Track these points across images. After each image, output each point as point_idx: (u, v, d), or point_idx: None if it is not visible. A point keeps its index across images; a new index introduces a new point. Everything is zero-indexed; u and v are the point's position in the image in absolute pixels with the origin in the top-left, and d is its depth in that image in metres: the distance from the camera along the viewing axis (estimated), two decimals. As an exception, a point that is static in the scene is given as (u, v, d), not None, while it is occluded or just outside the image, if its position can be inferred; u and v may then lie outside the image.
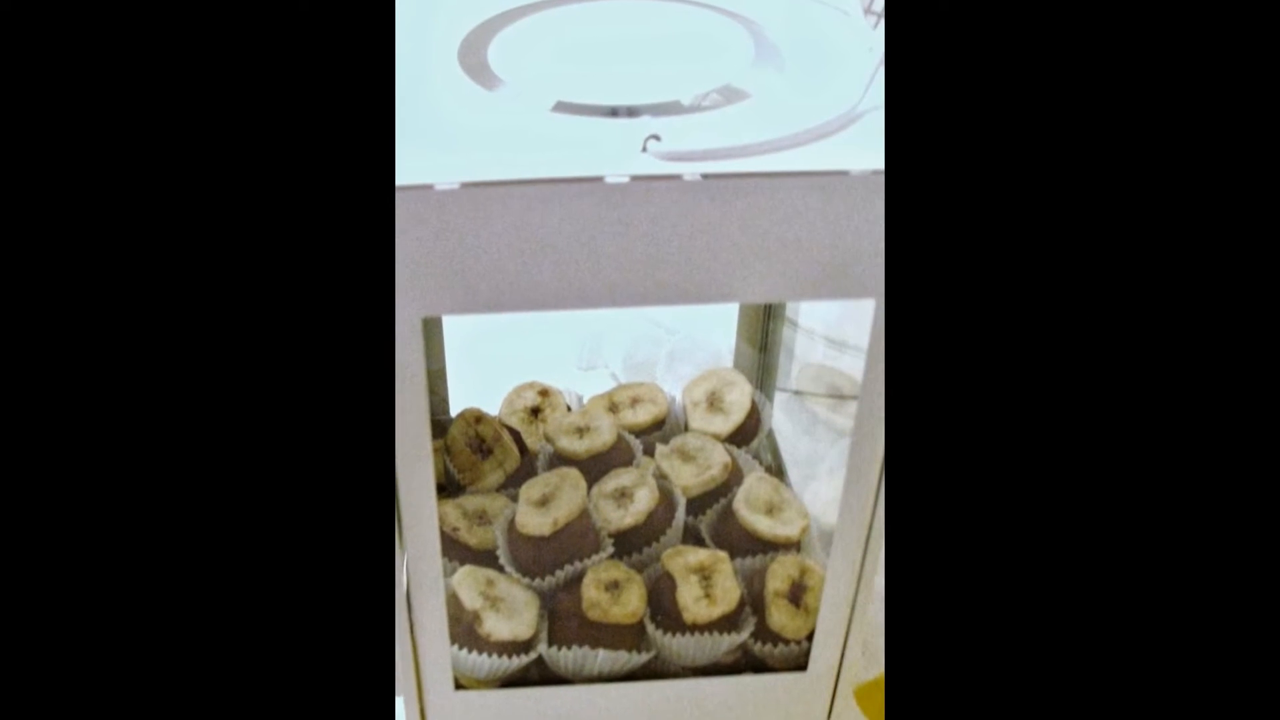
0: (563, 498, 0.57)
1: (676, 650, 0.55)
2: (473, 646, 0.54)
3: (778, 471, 0.69)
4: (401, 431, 0.42)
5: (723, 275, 0.41)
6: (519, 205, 0.38)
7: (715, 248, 0.40)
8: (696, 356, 0.86)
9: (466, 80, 0.44)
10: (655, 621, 0.55)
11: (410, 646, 0.50)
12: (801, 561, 0.57)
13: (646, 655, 0.55)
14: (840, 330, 0.86)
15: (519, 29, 0.47)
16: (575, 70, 0.44)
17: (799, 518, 0.60)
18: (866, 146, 0.40)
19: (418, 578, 0.47)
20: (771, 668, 0.56)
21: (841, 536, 0.48)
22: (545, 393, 0.69)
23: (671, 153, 0.39)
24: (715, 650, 0.55)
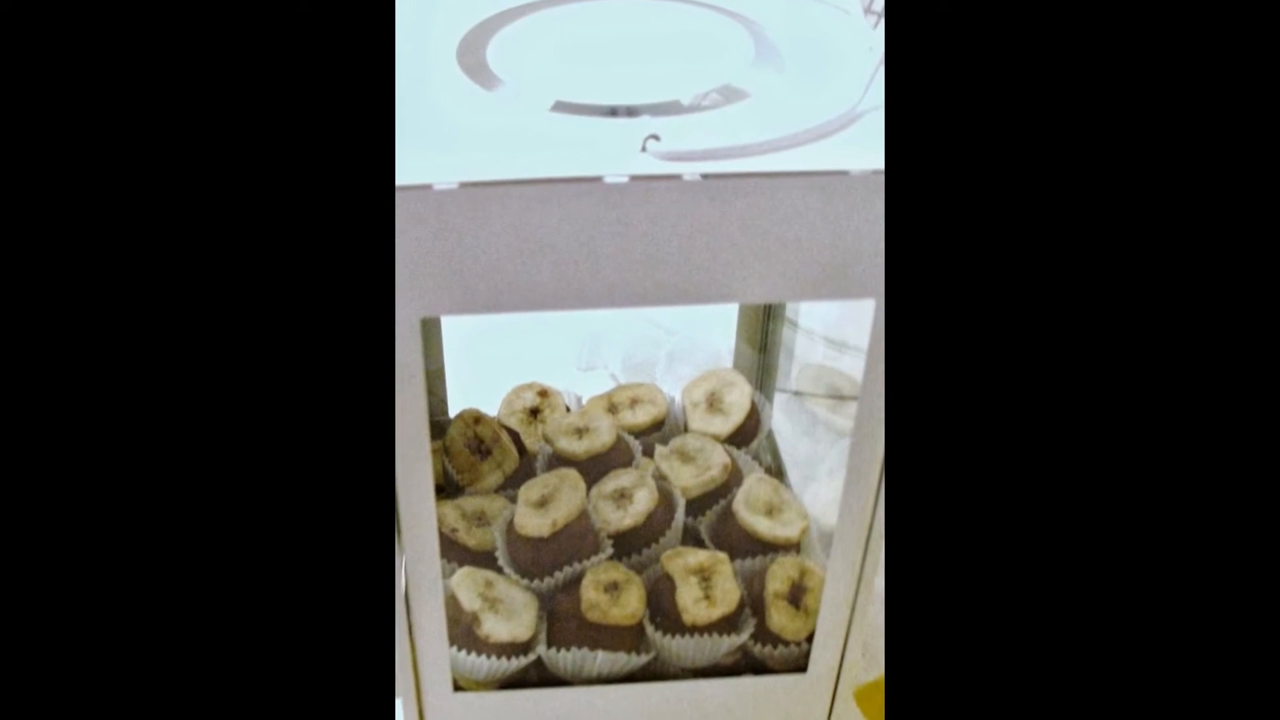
0: (562, 499, 0.57)
1: (676, 652, 0.55)
2: (471, 648, 0.54)
3: (777, 472, 0.69)
4: (400, 432, 0.42)
5: (722, 276, 0.41)
6: (518, 205, 0.38)
7: (715, 248, 0.40)
8: (696, 357, 0.86)
9: (465, 80, 0.44)
10: (655, 623, 0.55)
11: (409, 648, 0.50)
12: (801, 563, 0.57)
13: (646, 657, 0.55)
14: (840, 331, 0.86)
15: (518, 28, 0.47)
16: (574, 70, 0.44)
17: (799, 519, 0.60)
18: (866, 146, 0.40)
19: (416, 579, 0.47)
20: (771, 669, 0.56)
21: (841, 538, 0.48)
22: (544, 393, 0.69)
23: (671, 153, 0.39)
24: (715, 652, 0.55)
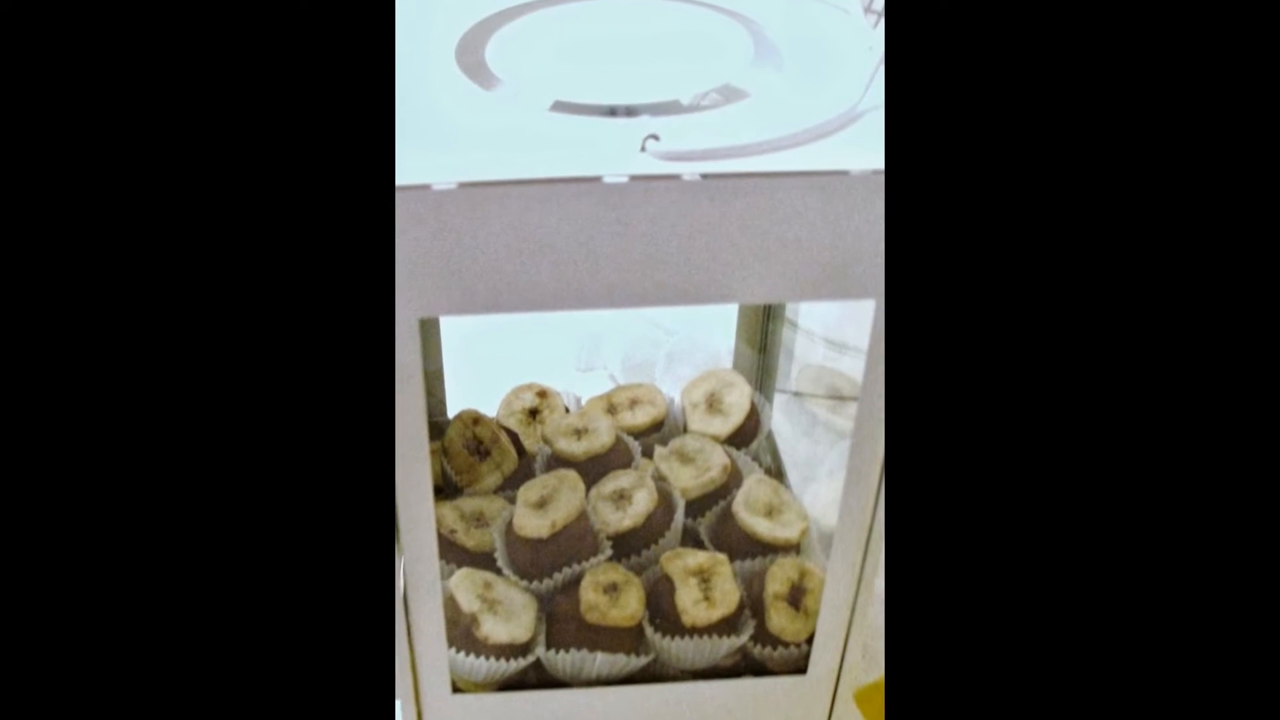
0: (561, 500, 0.57)
1: (675, 653, 0.55)
2: (470, 649, 0.54)
3: (777, 473, 0.69)
4: (399, 433, 0.42)
5: (722, 276, 0.40)
6: (517, 205, 0.38)
7: (714, 248, 0.40)
8: (695, 358, 0.86)
9: (464, 79, 0.44)
10: (654, 624, 0.55)
11: (408, 649, 0.50)
12: (801, 564, 0.57)
13: (645, 658, 0.55)
14: (840, 331, 0.86)
15: (517, 28, 0.47)
16: (573, 69, 0.44)
17: (798, 520, 0.60)
18: (866, 146, 0.40)
19: (415, 580, 0.47)
20: (771, 671, 0.56)
21: (841, 539, 0.48)
22: (543, 394, 0.69)
23: (670, 152, 0.39)
24: (714, 653, 0.55)
